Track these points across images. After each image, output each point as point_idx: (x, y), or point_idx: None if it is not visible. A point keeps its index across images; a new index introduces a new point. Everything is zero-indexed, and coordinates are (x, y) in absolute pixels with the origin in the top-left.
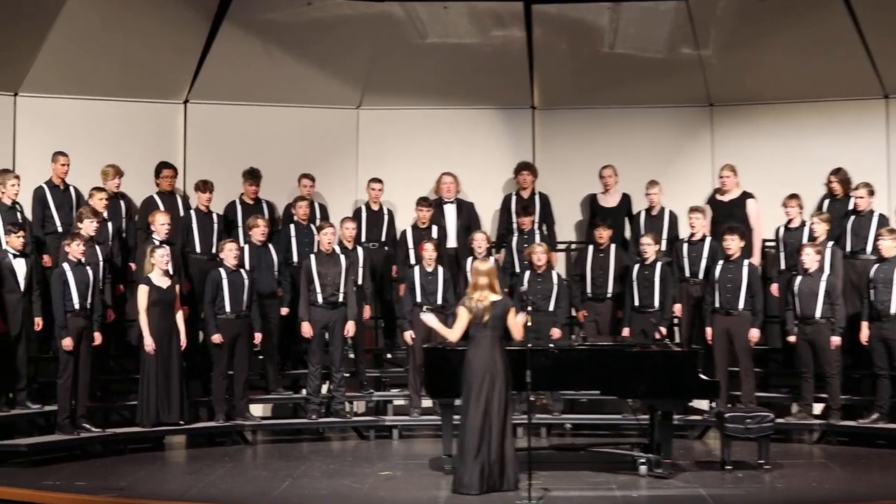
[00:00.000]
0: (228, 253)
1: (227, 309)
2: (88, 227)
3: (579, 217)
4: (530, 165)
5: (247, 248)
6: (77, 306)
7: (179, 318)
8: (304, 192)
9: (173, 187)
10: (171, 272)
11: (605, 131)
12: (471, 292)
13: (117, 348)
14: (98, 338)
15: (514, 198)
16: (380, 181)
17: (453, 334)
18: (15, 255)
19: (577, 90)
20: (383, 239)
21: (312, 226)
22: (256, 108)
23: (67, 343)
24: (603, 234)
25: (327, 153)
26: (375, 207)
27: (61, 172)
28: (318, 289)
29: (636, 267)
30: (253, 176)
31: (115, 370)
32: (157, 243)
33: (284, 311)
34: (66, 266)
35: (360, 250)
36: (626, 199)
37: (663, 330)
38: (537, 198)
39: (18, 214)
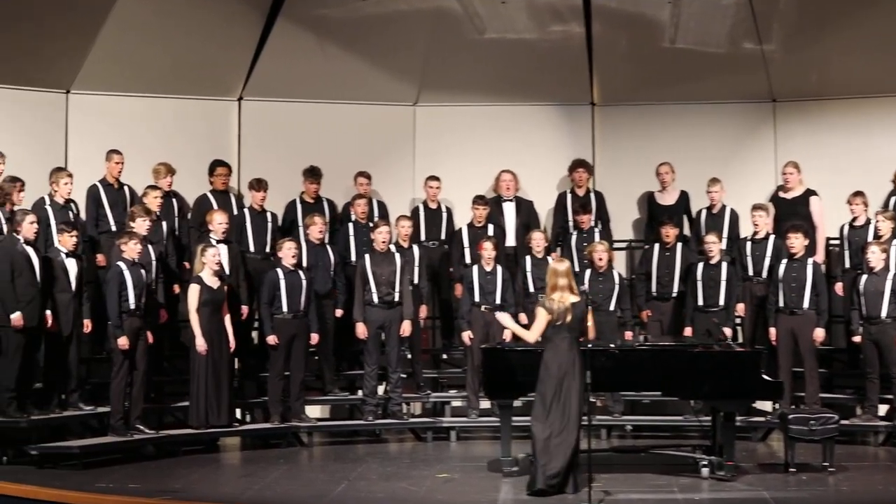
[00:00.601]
0: (287, 252)
1: (285, 309)
2: (141, 226)
3: (635, 215)
4: (585, 163)
5: (305, 247)
6: (132, 306)
7: (227, 319)
8: (360, 190)
9: (227, 186)
10: (226, 272)
11: (666, 128)
12: (549, 293)
13: (171, 349)
14: (150, 338)
15: (569, 196)
16: (437, 179)
17: (531, 335)
18: (67, 255)
19: (637, 86)
20: (442, 237)
21: (371, 224)
22: (311, 106)
23: (123, 343)
24: (670, 232)
25: (384, 150)
26: (433, 206)
27: (115, 171)
28: (373, 288)
29: (700, 266)
30: (313, 174)
31: (169, 371)
32: (213, 242)
33: (339, 312)
34: (122, 265)
35: (415, 249)
36: (683, 196)
37: (728, 331)
38: (593, 195)
39: (71, 213)
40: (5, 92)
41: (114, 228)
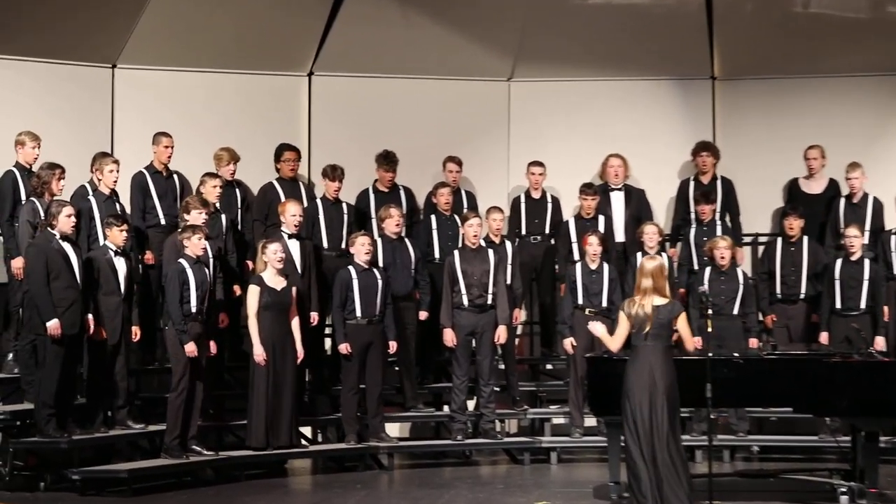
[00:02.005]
0: (360, 248)
1: (358, 314)
2: (196, 219)
3: (772, 205)
4: (711, 146)
5: (380, 242)
6: (194, 309)
7: (295, 324)
8: (448, 177)
9: (296, 173)
10: (298, 271)
11: (797, 105)
12: (634, 295)
13: (232, 359)
14: (213, 347)
15: (691, 183)
16: (541, 164)
17: (613, 343)
18: (116, 252)
19: (764, 57)
20: (547, 231)
21: (457, 217)
22: (391, 82)
23: (192, 349)
24: (794, 223)
25: (473, 133)
26: (537, 195)
27: (164, 156)
28: (463, 289)
29: (838, 263)
30: (388, 160)
31: (230, 384)
32: (284, 236)
33: (423, 315)
34: (184, 262)
35: (508, 245)
36: (832, 185)
37: (879, 340)
38: (719, 183)
39: (117, 205)
40: (41, 66)
41: (163, 222)
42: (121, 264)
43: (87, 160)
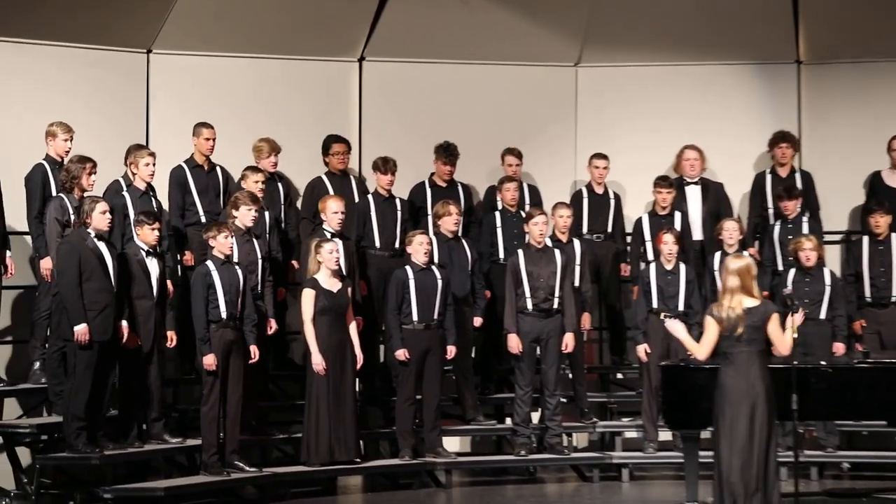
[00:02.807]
0: (417, 248)
1: (415, 318)
2: (245, 216)
3: (852, 200)
4: (789, 136)
5: (434, 241)
6: (224, 315)
7: (353, 330)
8: (509, 171)
9: (346, 166)
10: (343, 272)
11: (891, 91)
12: (721, 297)
13: (278, 367)
14: (255, 352)
15: (768, 177)
16: (605, 157)
17: (700, 350)
18: (148, 253)
19: (854, 39)
20: (609, 229)
21: (522, 213)
22: (448, 67)
23: (209, 361)
24: (880, 220)
25: (537, 123)
26: (599, 190)
27: (206, 149)
28: (528, 292)
29: None
30: (447, 153)
31: (276, 395)
32: (328, 236)
33: (477, 321)
34: (210, 264)
35: (576, 243)
36: None
37: None
38: (798, 176)
39: (153, 201)
40: (69, 52)
41: (203, 220)
42: (153, 265)
43: (120, 153)
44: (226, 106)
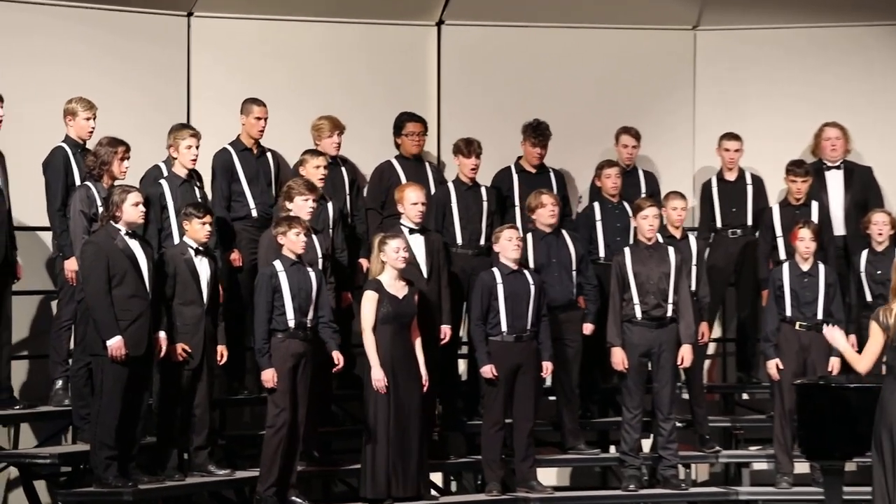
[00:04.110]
0: (506, 245)
1: (504, 328)
2: (301, 207)
3: None
4: None
5: (530, 238)
6: (293, 323)
7: (418, 343)
8: (622, 154)
9: (422, 150)
10: (423, 274)
11: None
12: (890, 301)
13: (342, 386)
14: (339, 359)
15: None
16: (737, 138)
17: (862, 362)
18: (197, 251)
19: None
20: (749, 222)
21: (627, 205)
22: (541, 32)
23: (268, 377)
24: None
25: (649, 98)
26: (732, 176)
27: (256, 130)
28: (636, 298)
29: None
30: (537, 132)
31: (340, 418)
32: (405, 230)
33: (588, 328)
34: (278, 265)
35: (692, 240)
36: None
37: None
38: None
39: (197, 190)
40: (95, 15)
41: (253, 213)
42: (203, 266)
43: (158, 134)
44: (279, 79)
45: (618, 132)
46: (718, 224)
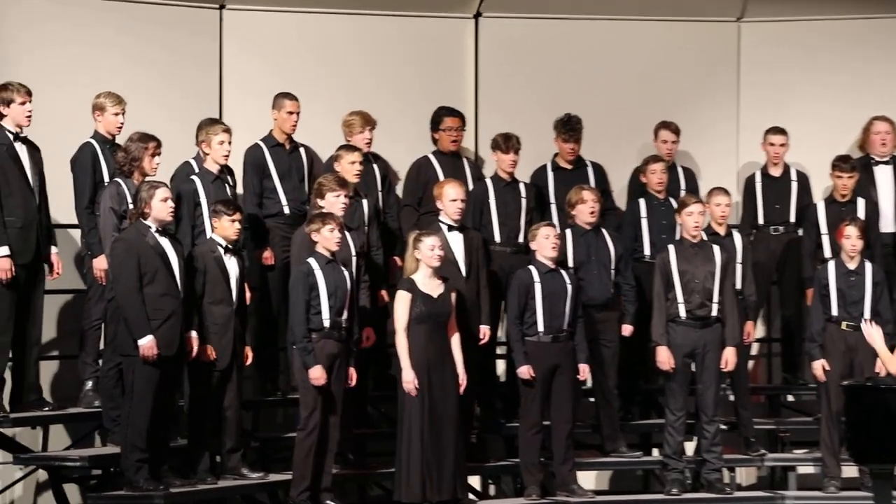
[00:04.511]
0: (544, 243)
1: (540, 328)
2: (333, 204)
3: None
4: None
5: (569, 235)
6: (328, 323)
7: (455, 342)
8: (662, 149)
9: (459, 145)
10: (461, 272)
11: None
12: None
13: (378, 387)
14: (352, 375)
15: None
16: (783, 132)
17: (894, 362)
18: (227, 249)
19: None
20: (792, 219)
21: (672, 201)
22: (582, 25)
23: (317, 375)
24: None
25: (691, 92)
26: (777, 172)
27: (288, 125)
28: (681, 297)
29: None
30: (567, 127)
31: (375, 420)
32: (444, 227)
33: (627, 329)
34: (313, 262)
35: (736, 237)
36: None
37: None
38: None
39: (228, 187)
40: (125, 8)
41: (286, 210)
42: (232, 265)
43: (189, 130)
44: (312, 73)
45: (657, 127)
46: (761, 220)
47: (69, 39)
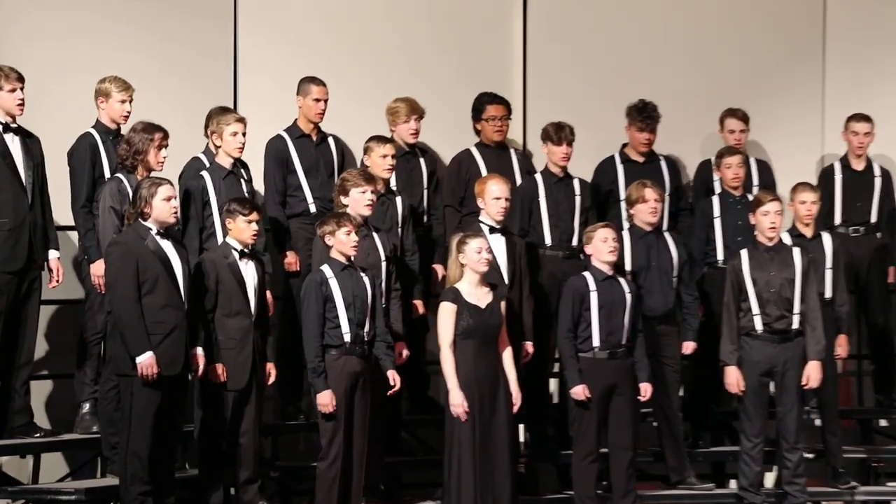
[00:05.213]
0: (601, 247)
1: (596, 343)
2: (357, 202)
3: None
4: None
5: (627, 238)
6: (349, 337)
7: (507, 359)
8: (730, 140)
9: (505, 136)
10: (504, 280)
11: None
12: None
13: (414, 410)
14: (395, 378)
15: None
16: (868, 119)
17: None
18: (243, 254)
19: None
20: (873, 219)
21: (750, 199)
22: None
23: (326, 401)
24: None
25: (768, 73)
26: (859, 166)
27: (315, 112)
28: (755, 307)
29: None
30: (643, 114)
31: (411, 447)
32: (485, 230)
33: (688, 347)
34: (327, 270)
35: (826, 239)
36: None
37: None
38: None
39: (244, 183)
40: None
41: (312, 209)
42: (250, 272)
43: (199, 120)
44: (339, 57)
45: (722, 115)
46: (837, 220)
47: (68, 22)
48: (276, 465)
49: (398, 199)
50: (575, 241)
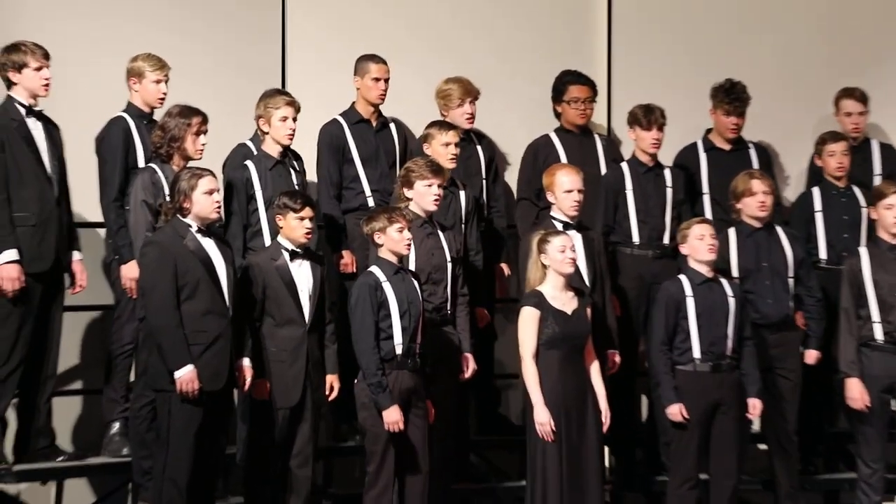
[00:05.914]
0: (697, 245)
1: (696, 354)
2: (424, 196)
3: None
4: None
5: (733, 234)
6: (401, 349)
7: (595, 372)
8: (846, 124)
9: (588, 120)
10: (585, 282)
11: None
12: None
13: (483, 431)
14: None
15: None
16: None
17: None
18: (295, 254)
19: None
20: None
21: (857, 191)
22: None
23: (394, 418)
24: None
25: (885, 47)
26: None
27: (375, 95)
28: (876, 315)
29: None
30: (731, 96)
31: (480, 472)
32: (560, 226)
33: (811, 357)
34: (378, 273)
35: None
36: None
37: None
38: None
39: (294, 175)
40: None
41: (371, 202)
42: (303, 274)
43: (246, 104)
44: (397, 34)
45: (837, 96)
46: None
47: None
48: (329, 492)
49: (462, 193)
50: (666, 239)
